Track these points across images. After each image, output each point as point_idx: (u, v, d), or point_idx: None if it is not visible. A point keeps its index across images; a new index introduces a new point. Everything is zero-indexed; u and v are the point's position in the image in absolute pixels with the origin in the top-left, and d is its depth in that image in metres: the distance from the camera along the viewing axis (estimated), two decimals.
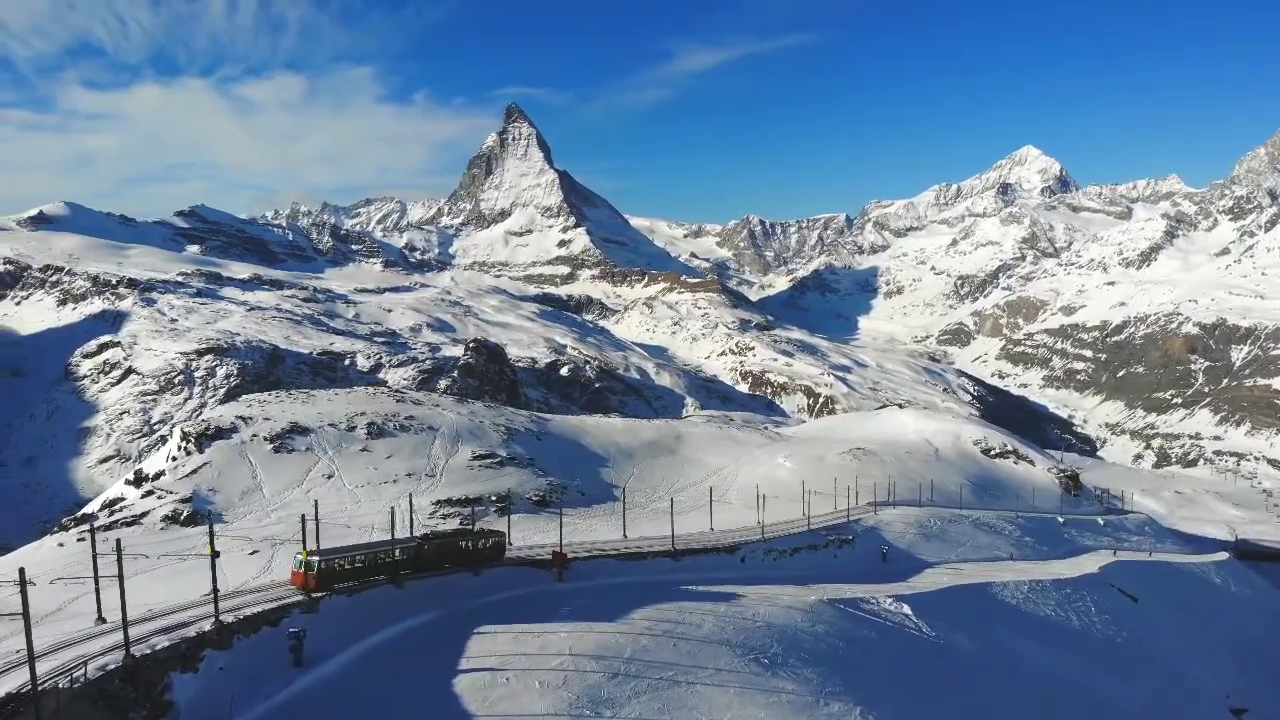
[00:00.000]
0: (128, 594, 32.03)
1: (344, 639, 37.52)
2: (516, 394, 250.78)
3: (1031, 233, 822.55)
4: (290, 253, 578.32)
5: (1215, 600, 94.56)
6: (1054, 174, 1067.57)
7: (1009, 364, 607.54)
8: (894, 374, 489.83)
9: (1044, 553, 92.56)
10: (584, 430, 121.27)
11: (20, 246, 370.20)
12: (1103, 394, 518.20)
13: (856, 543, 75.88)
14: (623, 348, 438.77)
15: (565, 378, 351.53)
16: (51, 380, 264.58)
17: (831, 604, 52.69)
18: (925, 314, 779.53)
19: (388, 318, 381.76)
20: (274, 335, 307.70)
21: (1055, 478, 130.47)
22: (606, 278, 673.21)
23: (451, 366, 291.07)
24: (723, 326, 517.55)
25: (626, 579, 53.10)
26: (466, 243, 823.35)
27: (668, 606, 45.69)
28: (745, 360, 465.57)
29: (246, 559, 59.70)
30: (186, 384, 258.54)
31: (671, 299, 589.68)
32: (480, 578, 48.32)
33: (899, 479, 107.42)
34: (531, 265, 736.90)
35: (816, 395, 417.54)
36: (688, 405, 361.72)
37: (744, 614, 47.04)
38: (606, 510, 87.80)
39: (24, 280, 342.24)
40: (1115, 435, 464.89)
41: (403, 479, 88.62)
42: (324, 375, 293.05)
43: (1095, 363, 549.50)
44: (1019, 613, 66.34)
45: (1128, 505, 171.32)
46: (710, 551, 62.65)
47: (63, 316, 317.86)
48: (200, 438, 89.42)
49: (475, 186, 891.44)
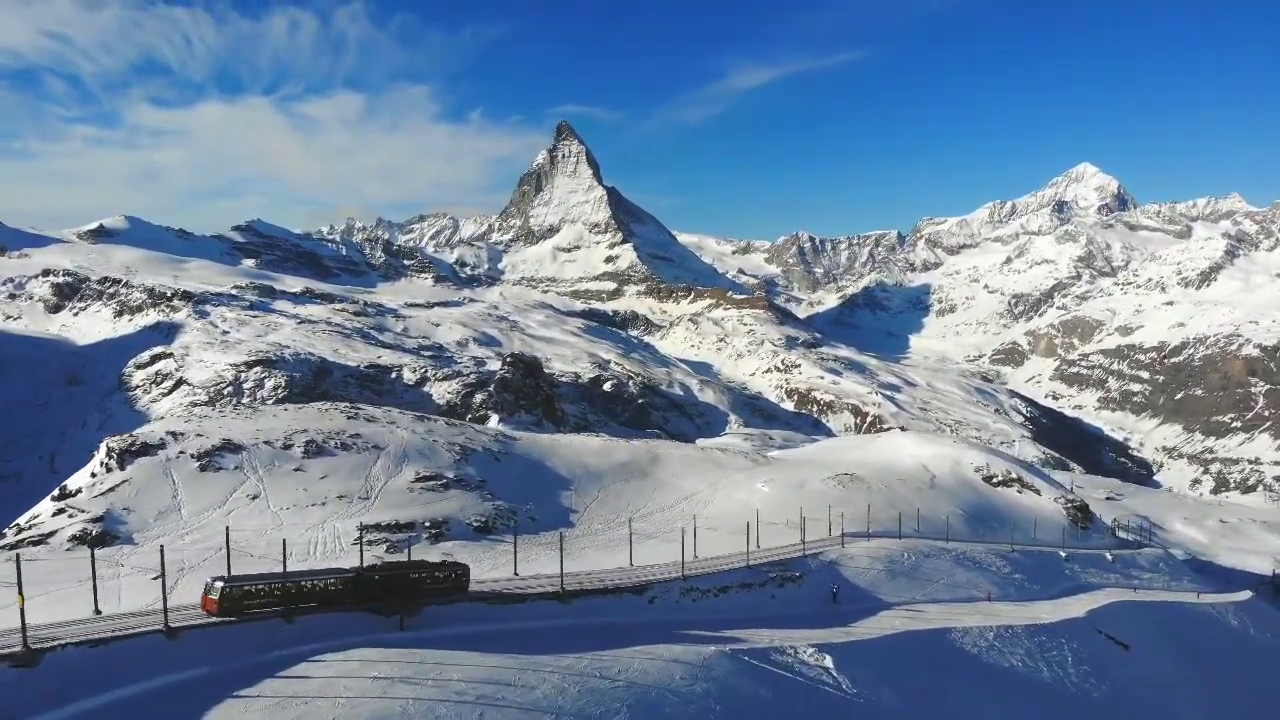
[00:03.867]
0: (11, 615, 30.24)
1: (75, 692, 30.68)
2: (553, 408, 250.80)
3: (1088, 251, 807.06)
4: (344, 267, 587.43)
5: (1229, 646, 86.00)
6: (1111, 191, 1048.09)
7: (1063, 385, 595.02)
8: (944, 394, 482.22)
9: (1034, 592, 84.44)
10: (553, 451, 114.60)
11: (80, 259, 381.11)
12: (1160, 417, 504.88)
13: (805, 580, 67.61)
14: (667, 364, 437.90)
15: (608, 393, 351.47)
16: (106, 390, 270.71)
17: (734, 655, 44.37)
18: (978, 333, 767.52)
19: (435, 332, 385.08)
20: (322, 348, 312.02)
21: (1062, 508, 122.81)
22: (652, 294, 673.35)
23: (491, 380, 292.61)
24: (769, 343, 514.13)
25: (494, 626, 44.99)
26: (515, 258, 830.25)
27: (507, 663, 37.32)
28: (791, 378, 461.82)
29: (150, 583, 55.98)
30: (235, 395, 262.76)
31: (717, 315, 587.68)
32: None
33: (885, 507, 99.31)
34: (579, 281, 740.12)
35: (864, 414, 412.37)
36: (731, 422, 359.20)
37: (605, 671, 39.10)
38: (555, 538, 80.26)
39: (82, 291, 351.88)
40: (1172, 459, 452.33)
41: (333, 501, 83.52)
42: (371, 388, 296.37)
43: (1152, 384, 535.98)
44: (978, 663, 58.68)
45: (1169, 534, 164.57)
46: (611, 592, 54.08)
47: (119, 327, 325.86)
48: (124, 454, 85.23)
49: (525, 203, 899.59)
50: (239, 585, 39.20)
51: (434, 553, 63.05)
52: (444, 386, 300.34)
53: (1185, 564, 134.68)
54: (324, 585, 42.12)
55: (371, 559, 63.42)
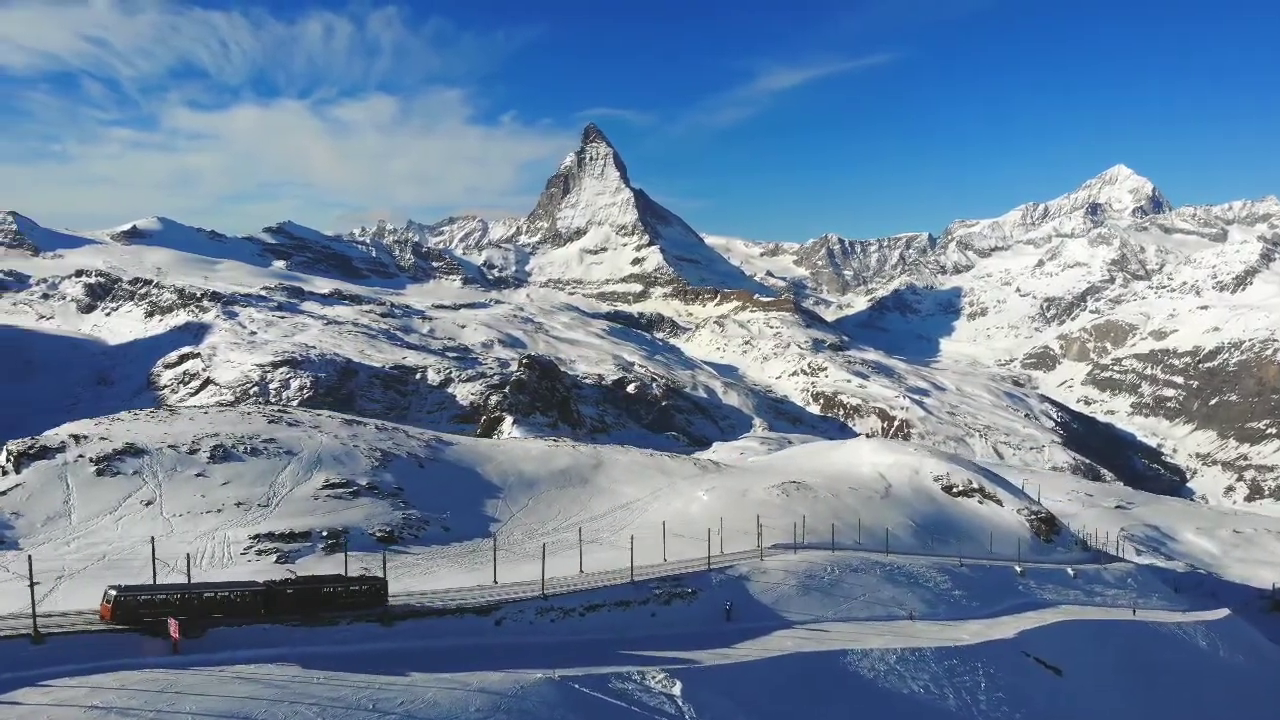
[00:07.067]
0: None
1: None
2: (569, 410, 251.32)
3: (1121, 254, 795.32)
4: (373, 269, 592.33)
5: (1191, 670, 79.09)
6: (1146, 194, 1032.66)
7: (1095, 389, 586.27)
8: (973, 398, 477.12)
9: (971, 610, 77.09)
10: (488, 457, 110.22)
11: (113, 260, 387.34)
12: (1194, 422, 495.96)
13: (699, 597, 61.94)
14: (691, 366, 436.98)
15: (631, 395, 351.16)
16: (135, 389, 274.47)
17: (561, 683, 40.14)
18: (1009, 336, 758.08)
19: (461, 333, 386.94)
20: (348, 349, 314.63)
21: (1025, 520, 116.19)
22: (678, 296, 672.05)
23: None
24: (795, 346, 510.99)
25: (291, 649, 40.50)
26: (542, 260, 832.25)
27: (262, 694, 32.71)
28: (817, 381, 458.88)
29: (25, 590, 58.21)
30: (261, 395, 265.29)
31: (743, 318, 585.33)
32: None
33: (828, 517, 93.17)
34: (605, 283, 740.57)
35: (891, 418, 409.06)
36: (755, 425, 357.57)
37: (381, 702, 33.91)
38: (467, 549, 76.85)
39: (114, 292, 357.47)
40: (1206, 466, 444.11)
41: (229, 508, 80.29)
42: (395, 389, 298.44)
43: (1186, 390, 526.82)
44: (871, 690, 53.07)
45: (1179, 545, 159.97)
46: (451, 613, 49.81)
47: (149, 328, 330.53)
48: (22, 456, 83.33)
49: (553, 205, 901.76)
50: (135, 594, 38.85)
51: (329, 564, 60.16)
52: (467, 388, 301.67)
53: (1186, 576, 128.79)
54: (230, 596, 41.43)
55: (259, 570, 62.34)
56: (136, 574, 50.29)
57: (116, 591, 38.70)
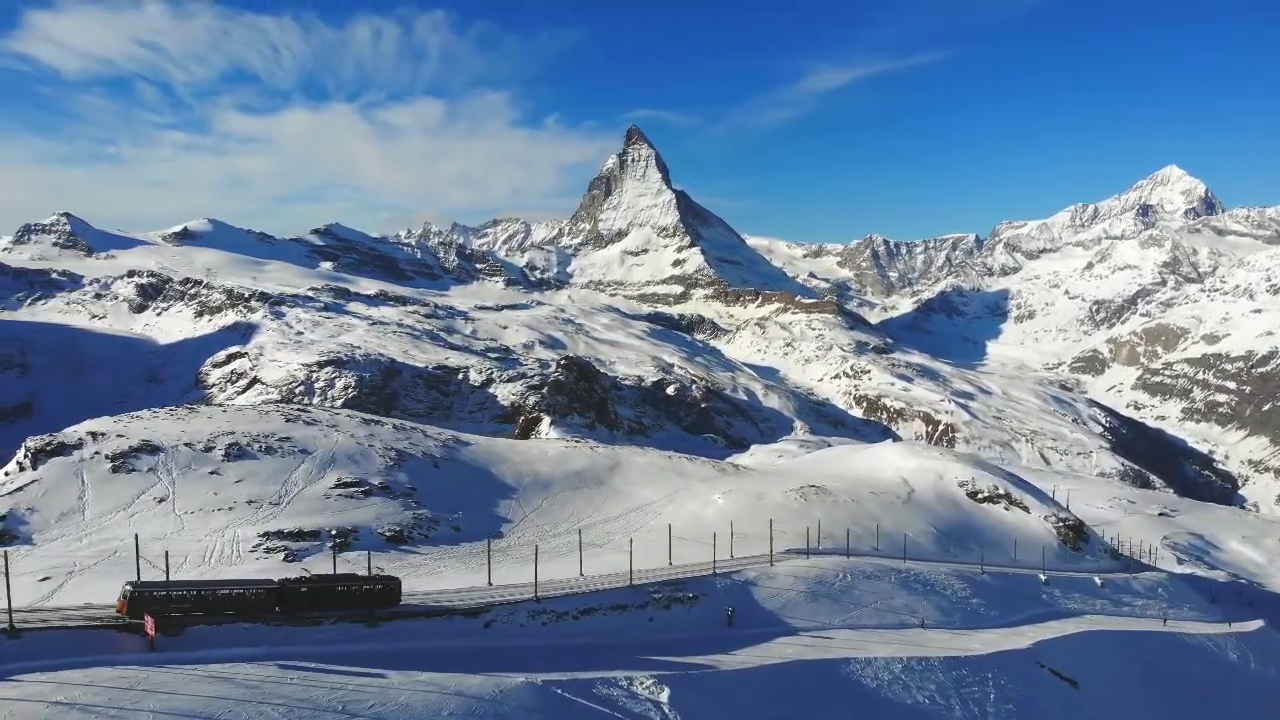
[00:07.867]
0: None
1: None
2: (606, 411, 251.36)
3: (1173, 256, 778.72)
4: (418, 270, 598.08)
5: (1220, 683, 75.78)
6: (1198, 195, 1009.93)
7: (1145, 394, 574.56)
8: (1020, 402, 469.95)
9: (989, 619, 74.80)
10: (504, 457, 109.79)
11: (165, 260, 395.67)
12: (1246, 429, 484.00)
13: (701, 601, 60.47)
14: (732, 368, 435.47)
15: (670, 397, 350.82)
16: (183, 388, 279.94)
17: (542, 687, 39.33)
18: (1057, 340, 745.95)
19: (503, 334, 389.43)
20: (393, 349, 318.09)
21: (1053, 527, 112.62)
22: (719, 297, 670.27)
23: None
24: (837, 348, 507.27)
25: (269, 649, 39.98)
26: (584, 262, 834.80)
27: (230, 693, 32.46)
28: (860, 384, 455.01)
29: (36, 585, 56.50)
30: (307, 394, 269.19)
31: (785, 319, 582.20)
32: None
33: (846, 522, 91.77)
34: (646, 284, 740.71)
35: (935, 422, 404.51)
36: (796, 428, 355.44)
37: (351, 704, 33.33)
38: (476, 550, 75.53)
39: (165, 292, 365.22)
40: (1258, 473, 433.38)
41: (240, 506, 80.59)
42: (438, 389, 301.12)
43: (1239, 395, 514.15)
44: (875, 699, 51.40)
45: (1223, 553, 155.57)
46: (439, 614, 49.09)
47: (199, 328, 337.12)
48: (39, 453, 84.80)
49: (595, 207, 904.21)
50: (149, 590, 39.69)
51: (338, 563, 60.54)
52: (508, 388, 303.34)
53: (1224, 586, 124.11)
54: (244, 594, 41.95)
55: (267, 568, 62.93)
56: (146, 570, 50.45)
57: (132, 587, 39.67)
